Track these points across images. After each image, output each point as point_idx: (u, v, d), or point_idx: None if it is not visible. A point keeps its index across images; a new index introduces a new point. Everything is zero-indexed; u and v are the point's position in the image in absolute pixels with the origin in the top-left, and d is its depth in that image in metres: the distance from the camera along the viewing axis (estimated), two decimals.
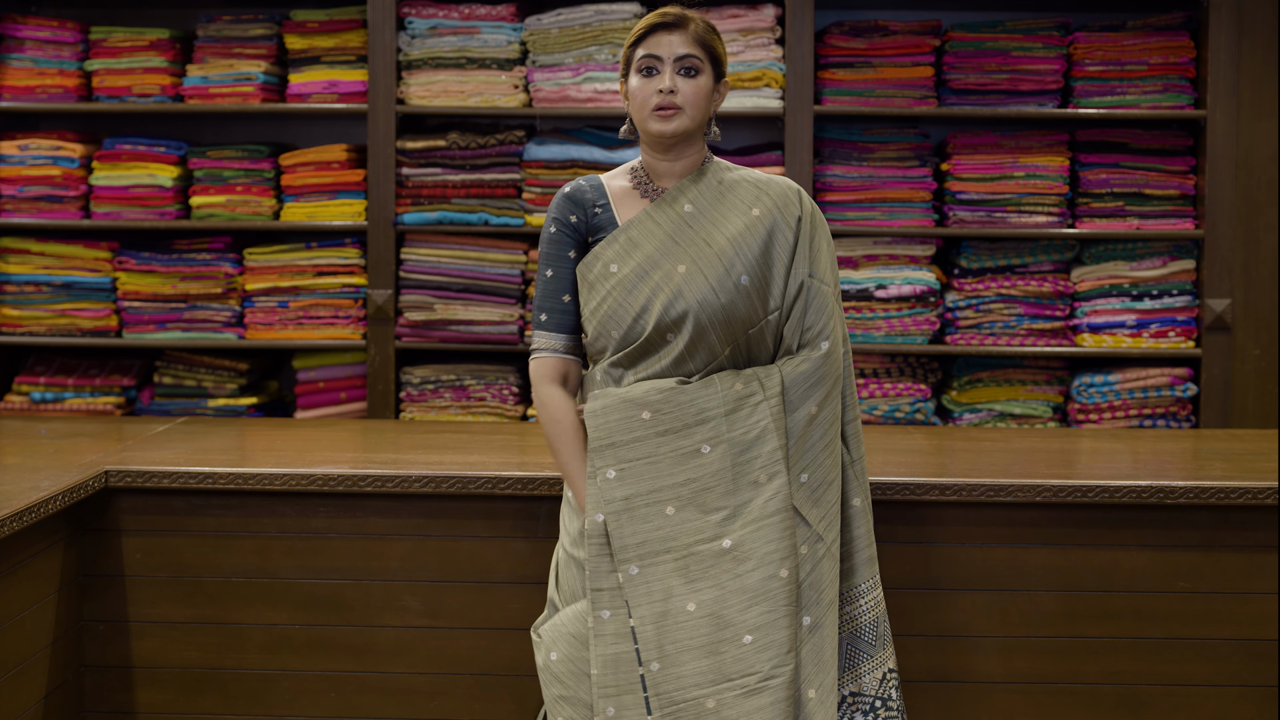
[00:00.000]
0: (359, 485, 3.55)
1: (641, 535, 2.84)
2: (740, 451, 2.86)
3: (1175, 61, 5.02)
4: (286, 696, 3.62)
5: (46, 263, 5.15)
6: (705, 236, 2.92)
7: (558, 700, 2.92)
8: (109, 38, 5.15)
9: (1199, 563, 3.53)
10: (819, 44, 5.04)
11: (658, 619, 2.82)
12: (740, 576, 2.82)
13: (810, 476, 2.90)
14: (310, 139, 5.32)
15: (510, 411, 5.05)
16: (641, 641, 2.82)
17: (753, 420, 2.87)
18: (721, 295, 2.88)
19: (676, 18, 2.92)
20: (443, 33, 5.04)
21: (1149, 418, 5.01)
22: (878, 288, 5.02)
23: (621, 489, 2.86)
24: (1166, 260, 5.05)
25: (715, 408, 2.87)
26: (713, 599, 2.82)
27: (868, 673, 2.98)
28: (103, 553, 3.62)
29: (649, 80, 2.91)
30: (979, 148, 5.05)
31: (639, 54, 2.92)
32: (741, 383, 2.88)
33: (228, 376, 5.17)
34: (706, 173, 2.99)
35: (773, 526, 2.84)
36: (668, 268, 2.90)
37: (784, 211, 2.94)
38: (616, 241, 2.94)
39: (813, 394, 2.91)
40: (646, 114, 2.91)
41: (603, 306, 2.93)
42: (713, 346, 2.90)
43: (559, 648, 2.93)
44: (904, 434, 4.30)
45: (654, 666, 2.82)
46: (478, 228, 5.02)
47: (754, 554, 2.82)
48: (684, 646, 2.82)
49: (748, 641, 2.81)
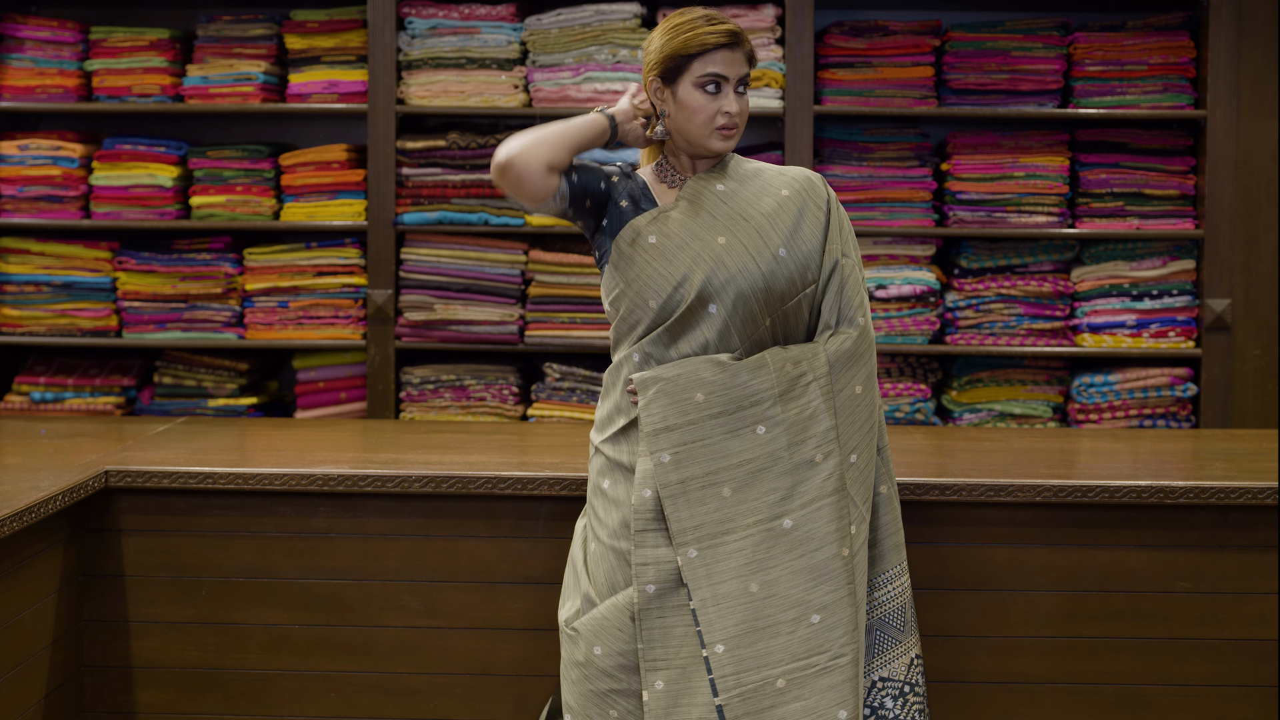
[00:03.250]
0: (359, 485, 3.55)
1: (699, 518, 2.86)
2: (796, 432, 2.89)
3: (1175, 61, 5.01)
4: (286, 696, 3.62)
5: (46, 263, 5.15)
6: (741, 211, 2.96)
7: (609, 695, 2.92)
8: (109, 38, 5.15)
9: (1199, 563, 3.53)
10: (819, 44, 5.05)
11: (719, 600, 2.84)
12: (804, 556, 2.85)
13: (859, 457, 2.94)
14: (310, 139, 5.32)
15: (510, 411, 5.05)
16: (704, 624, 2.84)
17: (805, 400, 2.90)
18: (762, 265, 2.92)
19: (736, 36, 2.96)
20: (443, 33, 5.04)
21: (1149, 418, 5.01)
22: (878, 288, 5.01)
23: (677, 472, 2.87)
24: (1166, 260, 5.05)
25: (769, 389, 2.89)
26: (776, 579, 2.84)
27: (896, 658, 3.01)
28: (103, 553, 3.62)
29: (713, 99, 2.94)
30: (979, 148, 5.05)
31: (701, 68, 2.93)
32: (792, 363, 2.91)
33: (228, 376, 5.17)
34: (729, 163, 3.05)
35: (831, 506, 2.87)
36: (707, 239, 2.93)
37: (811, 194, 3.01)
38: (654, 217, 2.97)
39: (857, 372, 2.95)
40: (709, 131, 2.96)
41: (642, 275, 2.94)
42: (755, 317, 2.92)
43: (603, 641, 2.92)
44: (904, 434, 4.30)
45: (719, 649, 2.83)
46: (478, 228, 5.02)
47: (815, 534, 2.86)
48: (750, 628, 2.83)
49: (815, 621, 2.83)
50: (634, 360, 2.97)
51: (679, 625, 2.86)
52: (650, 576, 2.87)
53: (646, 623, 2.87)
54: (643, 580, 2.88)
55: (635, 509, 2.90)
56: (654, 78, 2.98)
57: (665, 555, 2.87)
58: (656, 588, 2.87)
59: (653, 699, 2.85)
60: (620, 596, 2.92)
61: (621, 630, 2.91)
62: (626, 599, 2.91)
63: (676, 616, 2.86)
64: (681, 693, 2.84)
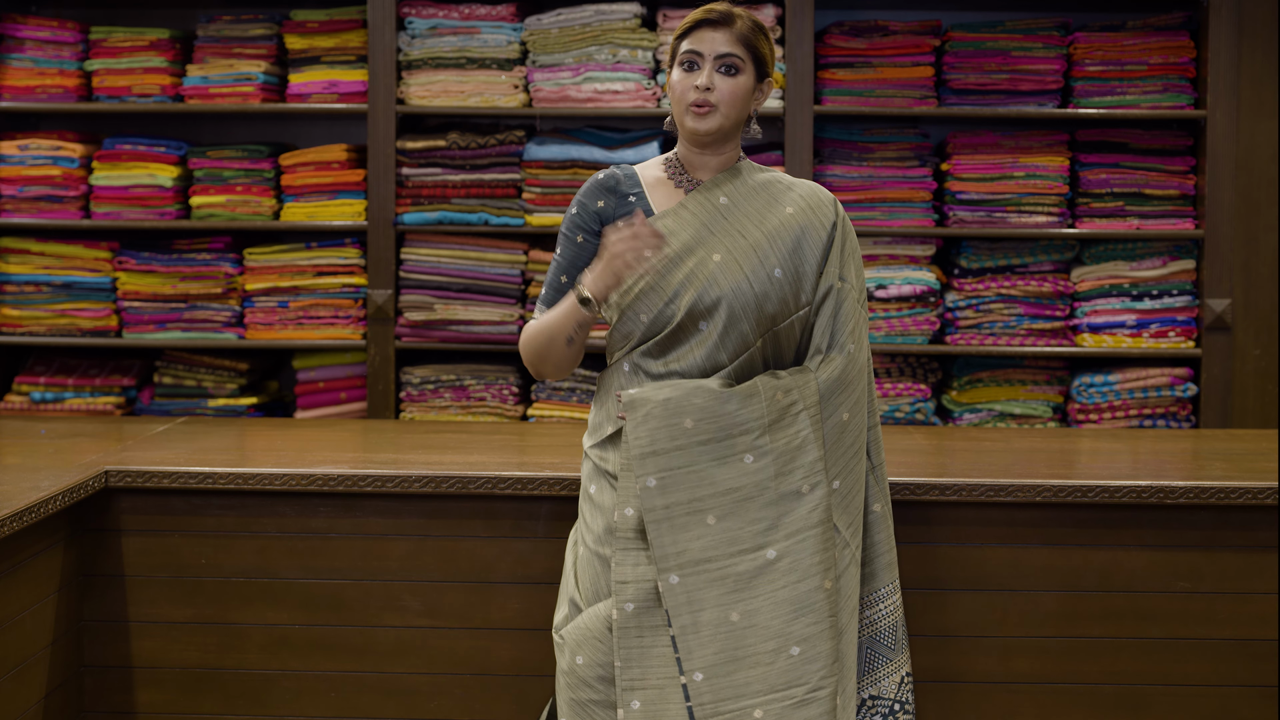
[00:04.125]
0: (359, 485, 3.55)
1: (682, 544, 2.82)
2: (785, 462, 2.85)
3: (1175, 61, 5.02)
4: (286, 696, 3.62)
5: (46, 263, 5.15)
6: (740, 228, 2.92)
7: (589, 704, 2.89)
8: (109, 38, 5.15)
9: (1199, 563, 3.53)
10: (819, 44, 5.05)
11: (700, 628, 2.80)
12: (786, 587, 2.81)
13: (842, 484, 2.90)
14: (310, 139, 5.32)
15: (510, 411, 5.05)
16: (683, 651, 2.80)
17: (794, 429, 2.86)
18: (755, 285, 2.87)
19: (723, 15, 2.91)
20: (443, 33, 5.04)
21: (1149, 418, 5.01)
22: (878, 288, 5.02)
23: (662, 497, 2.83)
24: (1166, 260, 5.05)
25: (759, 418, 2.85)
26: (757, 609, 2.80)
27: (886, 676, 2.98)
28: (103, 553, 3.62)
29: (689, 75, 2.90)
30: (979, 148, 5.05)
31: (682, 47, 2.92)
32: (783, 392, 2.87)
33: (228, 376, 5.17)
34: (741, 171, 2.99)
35: (816, 537, 2.83)
36: (702, 255, 2.89)
37: (817, 213, 2.95)
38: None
39: (844, 400, 2.91)
40: (683, 109, 2.91)
41: (634, 288, 2.91)
42: (745, 336, 2.89)
43: (584, 651, 2.90)
44: (904, 434, 4.30)
45: (697, 677, 2.80)
46: (478, 228, 5.02)
47: (799, 565, 2.81)
48: (730, 657, 2.80)
49: (795, 653, 2.80)
50: (624, 369, 2.96)
51: (657, 646, 2.83)
52: (629, 595, 2.84)
53: (624, 641, 2.83)
54: (622, 598, 2.84)
55: (617, 526, 2.87)
56: (669, 71, 2.98)
57: (646, 574, 2.84)
58: (635, 606, 2.84)
59: (629, 718, 2.83)
60: (602, 606, 2.90)
61: (602, 641, 2.88)
62: (608, 608, 2.88)
63: (654, 637, 2.83)
64: (659, 714, 2.81)
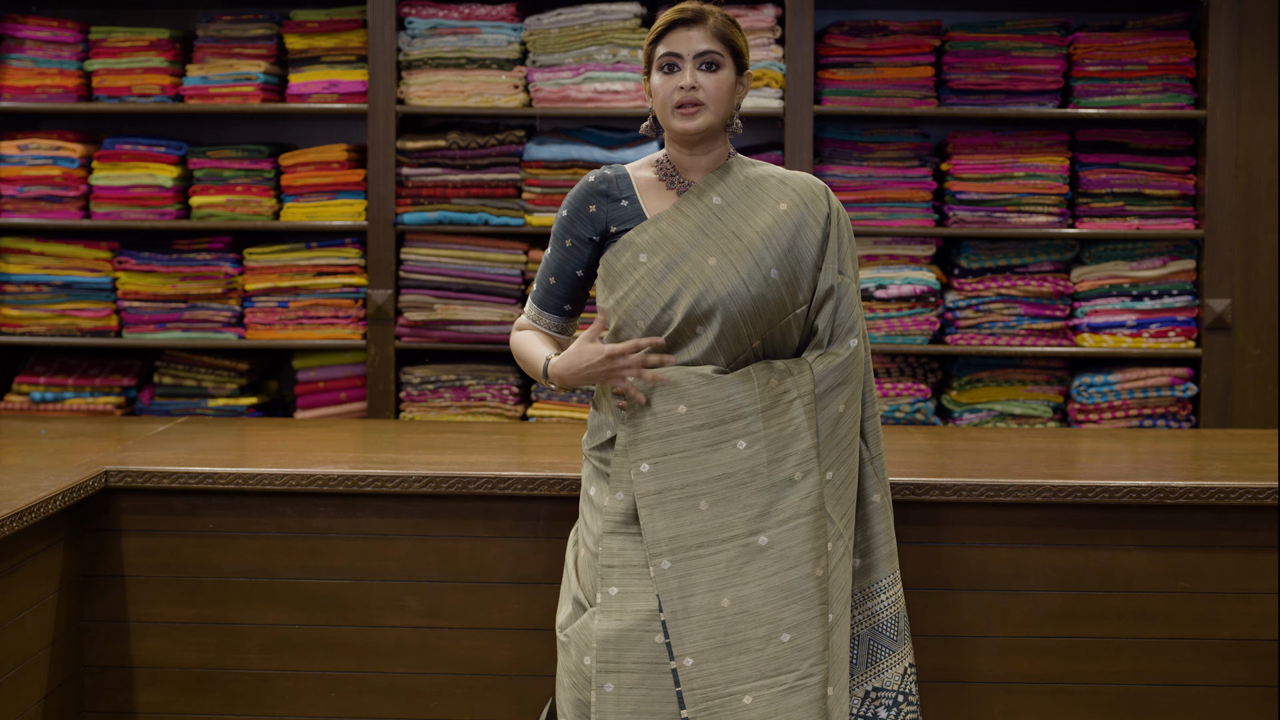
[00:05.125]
0: (359, 485, 3.55)
1: (674, 529, 2.83)
2: (778, 448, 2.85)
3: (1175, 61, 5.02)
4: (286, 696, 3.62)
5: (46, 263, 5.15)
6: (734, 230, 2.91)
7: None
8: (109, 38, 5.15)
9: (1199, 563, 3.53)
10: (819, 44, 5.05)
11: (691, 614, 2.81)
12: (778, 574, 2.81)
13: (835, 474, 2.90)
14: (310, 139, 5.32)
15: (510, 411, 5.05)
16: (674, 636, 2.81)
17: (787, 417, 2.86)
18: (752, 288, 2.87)
19: (695, 13, 2.91)
20: (443, 33, 5.04)
21: (1149, 418, 5.01)
22: (878, 288, 5.02)
23: (655, 483, 2.85)
24: (1166, 260, 5.05)
25: (752, 404, 2.86)
26: (748, 595, 2.81)
27: (889, 668, 2.99)
28: (103, 553, 3.62)
29: (670, 77, 2.90)
30: (979, 148, 5.05)
31: (660, 51, 2.91)
32: (776, 378, 2.88)
33: (228, 376, 5.17)
34: (732, 168, 2.98)
35: (807, 525, 2.83)
36: (697, 259, 2.89)
37: (811, 207, 2.94)
38: (646, 232, 2.92)
39: (840, 391, 2.91)
40: (670, 111, 2.91)
41: (630, 296, 2.92)
42: (742, 339, 2.89)
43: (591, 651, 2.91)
44: (904, 434, 4.30)
45: (687, 662, 2.80)
46: (478, 228, 5.02)
47: (790, 552, 2.82)
48: (720, 643, 2.80)
49: (785, 640, 2.80)
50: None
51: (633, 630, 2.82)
52: (615, 579, 2.85)
53: (604, 624, 2.83)
54: (607, 582, 2.86)
55: (606, 510, 2.88)
56: (645, 77, 2.98)
57: (632, 559, 2.85)
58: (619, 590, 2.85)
59: (601, 700, 2.82)
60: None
61: None
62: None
63: (629, 621, 2.83)
64: (625, 687, 2.81)
